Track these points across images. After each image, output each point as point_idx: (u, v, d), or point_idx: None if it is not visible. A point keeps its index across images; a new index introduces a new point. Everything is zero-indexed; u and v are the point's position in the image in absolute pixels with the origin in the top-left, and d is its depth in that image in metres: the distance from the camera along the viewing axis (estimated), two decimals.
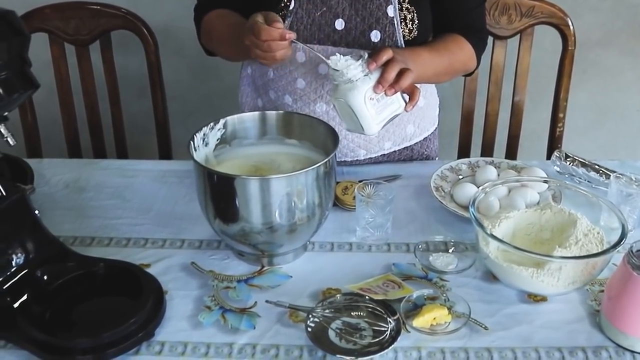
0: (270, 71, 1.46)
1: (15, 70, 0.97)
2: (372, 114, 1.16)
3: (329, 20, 1.36)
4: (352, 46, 1.37)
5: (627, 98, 2.50)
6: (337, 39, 1.37)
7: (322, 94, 1.42)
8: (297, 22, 1.36)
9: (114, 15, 1.74)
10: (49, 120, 1.92)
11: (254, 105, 1.58)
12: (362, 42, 1.37)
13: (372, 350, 0.99)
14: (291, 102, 1.46)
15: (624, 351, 1.02)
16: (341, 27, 1.36)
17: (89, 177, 1.50)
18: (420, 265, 1.20)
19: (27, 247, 1.08)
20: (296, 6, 1.36)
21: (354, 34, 1.36)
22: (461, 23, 1.46)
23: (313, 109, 1.44)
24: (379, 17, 1.35)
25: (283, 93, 1.46)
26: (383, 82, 1.15)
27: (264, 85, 1.51)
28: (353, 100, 1.14)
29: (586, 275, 1.07)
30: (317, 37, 1.37)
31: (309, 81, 1.41)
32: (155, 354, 1.01)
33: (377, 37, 1.36)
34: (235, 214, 1.11)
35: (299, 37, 1.34)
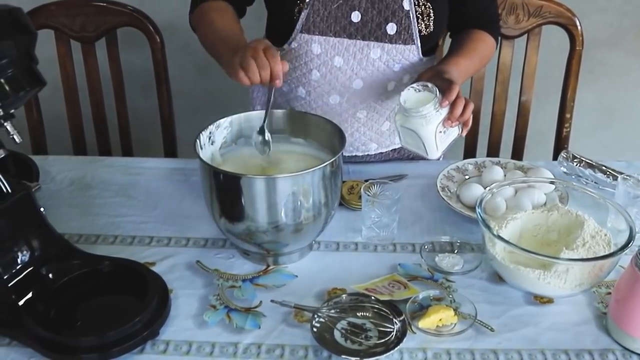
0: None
1: (22, 67, 0.97)
2: (439, 143, 1.23)
3: (345, 12, 1.36)
4: (367, 39, 1.37)
5: (634, 98, 2.49)
6: (353, 31, 1.37)
7: (336, 85, 1.42)
8: (314, 14, 1.36)
9: (120, 12, 1.73)
10: (55, 117, 1.92)
11: (265, 99, 1.57)
12: (378, 34, 1.37)
13: (378, 351, 0.98)
14: (304, 94, 1.46)
15: (631, 354, 1.01)
16: (357, 19, 1.36)
17: (95, 174, 1.50)
18: (426, 266, 1.19)
19: (33, 244, 1.08)
20: None
21: (370, 26, 1.36)
22: (480, 19, 1.49)
23: (326, 100, 1.44)
24: (395, 10, 1.35)
25: (296, 85, 1.46)
26: (453, 119, 1.21)
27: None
28: (425, 133, 1.21)
29: (593, 277, 1.06)
30: (333, 30, 1.37)
31: (324, 73, 1.41)
32: (160, 353, 1.01)
33: (393, 29, 1.36)
34: (241, 213, 1.11)
35: (315, 29, 1.36)
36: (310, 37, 1.38)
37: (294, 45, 1.40)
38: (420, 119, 1.20)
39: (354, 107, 1.45)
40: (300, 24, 1.37)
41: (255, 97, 1.62)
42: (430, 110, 1.19)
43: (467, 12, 1.47)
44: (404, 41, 1.38)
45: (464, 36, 1.48)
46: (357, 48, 1.38)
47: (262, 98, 1.59)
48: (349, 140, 1.50)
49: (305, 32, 1.37)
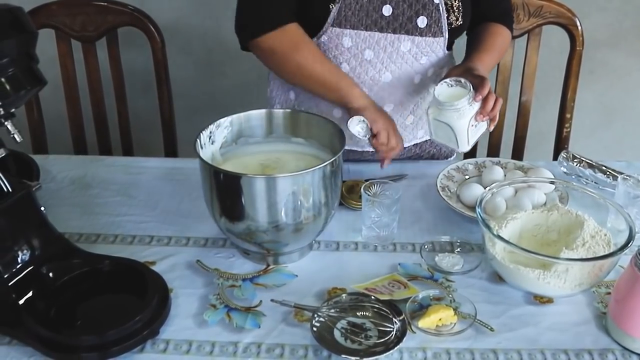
0: None
1: (22, 67, 0.97)
2: (470, 137, 1.29)
3: (377, 6, 1.37)
4: (398, 32, 1.38)
5: (634, 99, 2.49)
6: (384, 24, 1.37)
7: (365, 78, 1.43)
8: (345, 8, 1.36)
9: (120, 12, 1.73)
10: (55, 117, 1.92)
11: (285, 98, 1.58)
12: (408, 27, 1.38)
13: (378, 350, 0.98)
14: None
15: (630, 354, 1.01)
16: (388, 13, 1.37)
17: (95, 173, 1.50)
18: (426, 266, 1.19)
19: (33, 243, 1.08)
20: None
21: (401, 19, 1.37)
22: (495, 12, 1.54)
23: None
24: (425, 3, 1.37)
25: None
26: (485, 113, 1.28)
27: None
28: (459, 126, 1.27)
29: (593, 277, 1.06)
30: (365, 23, 1.37)
31: (353, 66, 1.41)
32: (160, 352, 1.01)
33: (424, 22, 1.38)
34: (241, 213, 1.11)
35: (346, 23, 1.37)
36: (341, 31, 1.38)
37: (324, 39, 1.40)
38: (455, 112, 1.26)
39: (381, 101, 1.45)
40: (332, 17, 1.37)
41: (273, 97, 1.61)
42: (465, 104, 1.25)
43: (485, 3, 1.49)
44: (433, 34, 1.39)
45: (481, 31, 1.51)
46: (387, 41, 1.39)
47: (280, 97, 1.59)
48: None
49: (337, 26, 1.38)
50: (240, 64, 2.45)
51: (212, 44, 2.42)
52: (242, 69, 2.45)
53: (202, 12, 2.36)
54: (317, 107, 1.50)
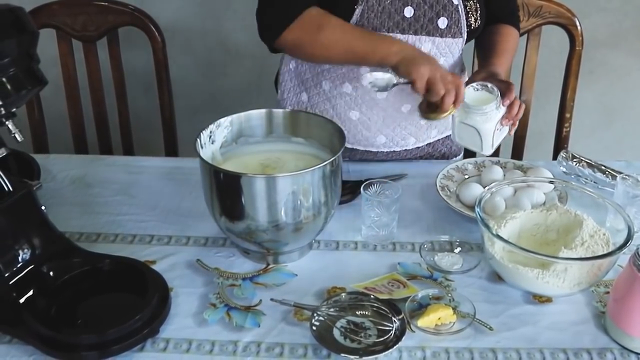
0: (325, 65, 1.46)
1: (23, 66, 0.97)
2: (494, 140, 1.33)
3: (399, 7, 1.37)
4: (419, 33, 1.38)
5: (634, 98, 2.49)
6: (406, 26, 1.38)
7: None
8: (368, 10, 1.36)
9: (121, 11, 1.74)
10: (56, 116, 1.92)
11: (297, 100, 1.57)
12: (429, 29, 1.38)
13: (377, 349, 0.99)
14: (351, 90, 1.46)
15: (629, 353, 1.01)
16: (410, 14, 1.37)
17: (95, 173, 1.50)
18: (426, 265, 1.19)
19: (34, 243, 1.09)
20: None
21: (422, 21, 1.38)
22: (504, 12, 1.55)
23: (373, 96, 1.45)
24: (445, 4, 1.38)
25: (342, 81, 1.46)
26: (510, 118, 1.32)
27: (315, 77, 1.51)
28: (485, 130, 1.30)
29: (592, 276, 1.07)
30: (387, 25, 1.38)
31: (374, 67, 1.39)
32: (160, 351, 1.01)
33: (444, 23, 1.38)
34: (241, 212, 1.11)
35: (369, 25, 1.37)
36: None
37: None
38: (482, 116, 1.29)
39: (399, 102, 1.46)
40: (355, 20, 1.37)
41: (285, 98, 1.59)
42: (492, 109, 1.28)
43: (494, 4, 1.49)
44: (453, 35, 1.40)
45: (493, 34, 1.52)
46: (409, 43, 1.38)
47: (292, 98, 1.58)
48: (391, 135, 1.51)
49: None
50: (241, 63, 2.46)
51: (212, 44, 2.43)
52: (243, 69, 2.46)
53: (203, 12, 2.37)
54: (333, 109, 1.50)
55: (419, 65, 1.26)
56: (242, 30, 2.35)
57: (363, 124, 1.50)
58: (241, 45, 2.41)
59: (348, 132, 1.51)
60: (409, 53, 1.30)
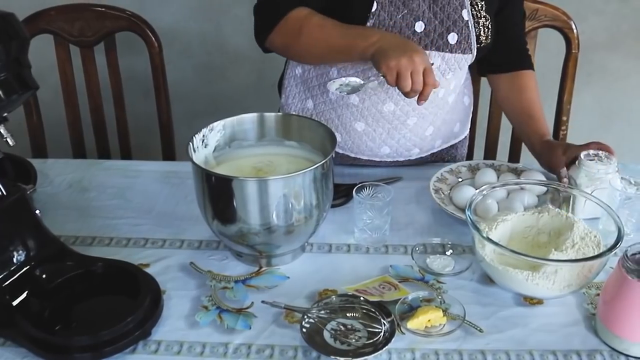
0: (333, 71, 1.46)
1: (13, 72, 0.98)
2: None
3: (410, 22, 1.37)
4: (429, 48, 1.38)
5: (632, 101, 2.49)
6: (416, 41, 1.37)
7: (393, 94, 1.42)
8: (379, 25, 1.36)
9: (118, 17, 1.75)
10: (55, 121, 1.94)
11: (302, 106, 1.56)
12: (439, 44, 1.38)
13: (366, 351, 0.99)
14: (357, 102, 1.46)
15: (619, 355, 1.01)
16: (421, 29, 1.37)
17: (92, 177, 1.52)
18: (417, 268, 1.20)
19: (27, 246, 1.10)
20: (378, 8, 1.36)
21: (432, 36, 1.38)
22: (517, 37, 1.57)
23: (380, 108, 1.45)
24: (455, 20, 1.37)
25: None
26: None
27: (321, 85, 1.50)
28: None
29: (582, 278, 1.07)
30: None
31: (382, 81, 1.37)
32: (151, 353, 1.02)
33: (454, 39, 1.38)
34: (233, 215, 1.12)
35: None
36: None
37: None
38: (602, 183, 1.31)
39: (405, 115, 1.46)
40: None
41: (289, 104, 1.59)
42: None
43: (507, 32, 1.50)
44: (463, 50, 1.40)
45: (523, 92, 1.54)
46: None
47: (297, 104, 1.57)
48: (395, 146, 1.51)
49: None
50: (239, 67, 2.47)
51: (211, 48, 2.44)
52: (241, 73, 2.47)
53: (201, 16, 2.38)
54: (338, 119, 1.50)
55: (388, 59, 1.22)
56: (240, 34, 2.36)
57: (368, 135, 1.50)
58: (240, 49, 2.42)
59: (352, 142, 1.51)
60: (385, 44, 1.26)
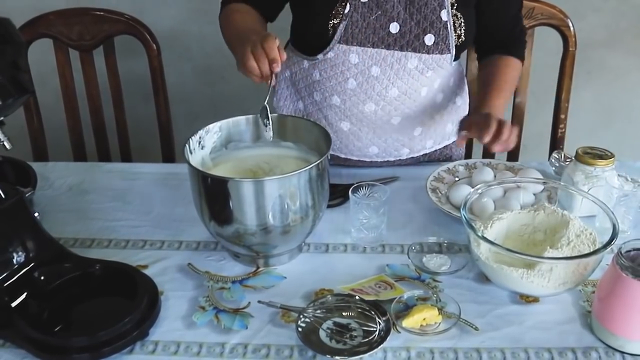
0: (315, 72, 1.47)
1: (9, 76, 0.99)
2: None
3: (384, 23, 1.37)
4: (405, 49, 1.39)
5: (633, 98, 2.49)
6: (391, 42, 1.38)
7: (372, 94, 1.43)
8: (352, 26, 1.37)
9: (116, 20, 1.76)
10: (55, 124, 1.95)
11: (293, 108, 1.58)
12: (415, 45, 1.38)
13: (362, 350, 0.99)
14: (339, 103, 1.47)
15: (614, 352, 1.02)
16: (396, 30, 1.37)
17: (92, 180, 1.53)
18: (414, 267, 1.20)
19: (26, 248, 1.11)
20: (351, 9, 1.37)
21: (408, 37, 1.38)
22: (506, 30, 1.52)
23: (361, 109, 1.46)
24: (433, 21, 1.37)
25: (331, 94, 1.47)
26: (497, 143, 1.28)
27: (307, 87, 1.52)
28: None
29: (577, 276, 1.07)
30: (371, 41, 1.38)
31: (360, 82, 1.42)
32: (148, 353, 1.02)
33: (431, 40, 1.38)
34: (229, 216, 1.13)
35: (353, 40, 1.38)
36: (348, 48, 1.39)
37: (330, 55, 1.42)
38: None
39: (388, 115, 1.47)
40: (339, 34, 1.38)
41: (281, 106, 1.60)
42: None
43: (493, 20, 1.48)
44: (440, 51, 1.40)
45: (492, 68, 1.51)
46: (394, 58, 1.39)
47: (289, 106, 1.59)
48: (383, 146, 1.52)
49: (344, 43, 1.39)
50: None
51: (211, 50, 2.45)
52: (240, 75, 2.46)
53: (201, 19, 2.39)
54: (325, 119, 1.51)
55: (239, 65, 1.25)
56: None
57: (354, 134, 1.51)
58: None
59: (340, 142, 1.52)
60: (243, 49, 1.22)
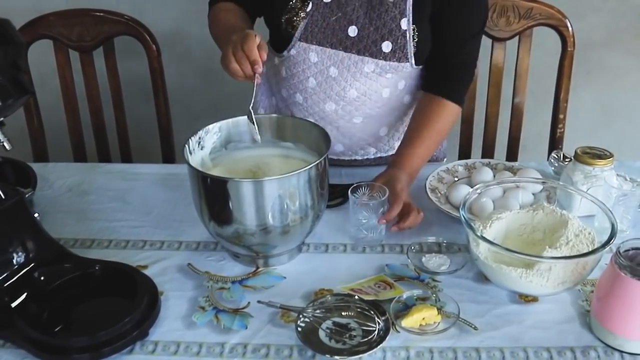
0: (283, 69, 1.48)
1: (9, 76, 1.00)
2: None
3: (343, 26, 1.38)
4: (362, 54, 1.39)
5: (632, 98, 2.49)
6: (349, 45, 1.39)
7: (331, 94, 1.44)
8: (312, 25, 1.39)
9: (116, 21, 1.76)
10: (56, 125, 1.95)
11: (269, 103, 1.61)
12: (372, 51, 1.38)
13: (361, 349, 1.00)
14: (302, 101, 1.48)
15: (612, 351, 1.02)
16: (354, 34, 1.38)
17: (92, 180, 1.53)
18: (413, 266, 1.21)
19: (26, 248, 1.11)
20: (313, 8, 1.38)
21: (365, 42, 1.38)
22: (453, 53, 1.43)
23: (322, 107, 1.47)
24: (392, 29, 1.37)
25: (294, 92, 1.48)
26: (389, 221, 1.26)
27: (277, 83, 1.54)
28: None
29: (576, 275, 1.07)
30: (330, 41, 1.39)
31: (320, 81, 1.43)
32: (148, 353, 1.03)
33: (389, 47, 1.38)
34: (229, 216, 1.13)
35: (312, 39, 1.39)
36: (308, 46, 1.41)
37: (292, 52, 1.43)
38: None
39: (349, 114, 1.47)
40: (300, 32, 1.39)
41: (258, 101, 1.62)
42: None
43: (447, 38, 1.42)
44: (398, 59, 1.39)
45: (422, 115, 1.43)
46: (351, 61, 1.40)
47: (265, 101, 1.61)
48: (348, 144, 1.53)
49: (304, 41, 1.40)
50: None
51: (211, 51, 2.41)
52: None
53: (201, 20, 2.38)
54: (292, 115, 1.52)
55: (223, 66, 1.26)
56: None
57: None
58: None
59: None
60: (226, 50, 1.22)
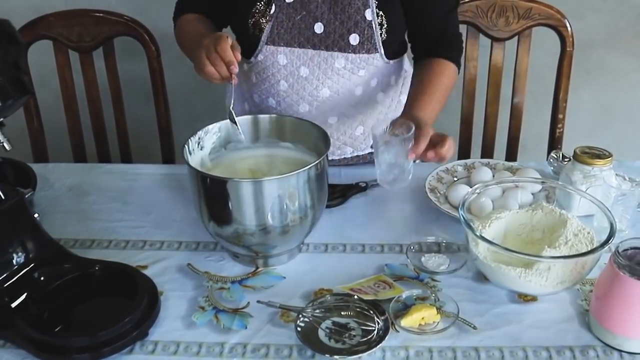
0: (252, 75, 1.49)
1: (9, 77, 1.00)
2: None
3: (309, 24, 1.39)
4: (331, 49, 1.40)
5: (632, 98, 2.50)
6: (317, 42, 1.40)
7: (304, 95, 1.45)
8: (278, 26, 1.39)
9: (116, 22, 1.76)
10: (55, 126, 1.95)
11: (241, 109, 1.61)
12: (341, 45, 1.39)
13: (360, 349, 1.00)
14: (275, 105, 1.49)
15: (611, 350, 1.02)
16: (320, 30, 1.39)
17: (92, 181, 1.53)
18: (412, 266, 1.21)
19: (26, 248, 1.11)
20: (277, 10, 1.39)
21: (333, 37, 1.39)
22: (436, 30, 1.46)
23: (296, 110, 1.47)
24: (357, 21, 1.37)
25: (266, 96, 1.49)
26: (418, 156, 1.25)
27: (248, 89, 1.55)
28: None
29: (575, 275, 1.07)
30: (297, 41, 1.40)
31: (291, 83, 1.44)
32: (148, 353, 1.03)
33: (356, 40, 1.39)
34: (228, 216, 1.13)
35: (280, 41, 1.39)
36: (275, 49, 1.41)
37: (260, 57, 1.44)
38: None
39: (323, 115, 1.48)
40: (266, 35, 1.40)
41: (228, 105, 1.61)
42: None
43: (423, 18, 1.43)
44: (367, 51, 1.40)
45: (424, 72, 1.44)
46: (321, 58, 1.41)
47: (237, 107, 1.60)
48: None
49: (271, 44, 1.41)
50: None
51: None
52: None
53: None
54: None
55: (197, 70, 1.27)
56: None
57: None
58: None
59: None
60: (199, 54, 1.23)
